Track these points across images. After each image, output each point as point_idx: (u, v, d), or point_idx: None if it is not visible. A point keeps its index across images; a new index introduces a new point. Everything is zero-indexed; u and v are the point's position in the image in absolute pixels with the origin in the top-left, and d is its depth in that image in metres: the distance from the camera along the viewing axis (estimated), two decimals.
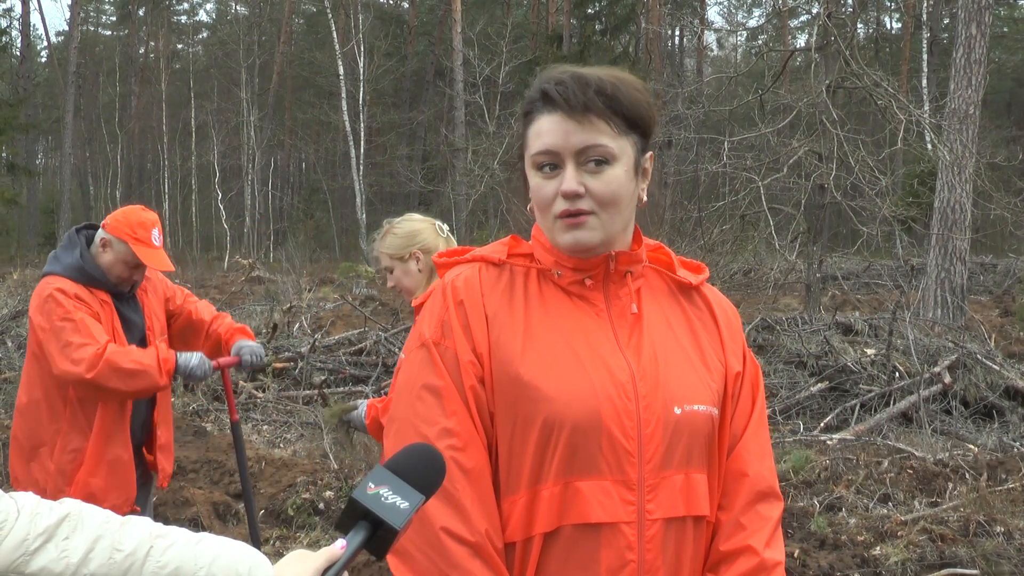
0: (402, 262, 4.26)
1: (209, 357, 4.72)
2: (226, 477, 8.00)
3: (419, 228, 4.28)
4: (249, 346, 4.89)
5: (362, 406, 4.29)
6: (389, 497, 1.58)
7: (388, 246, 4.28)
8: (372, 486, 1.59)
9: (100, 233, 4.48)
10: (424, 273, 4.27)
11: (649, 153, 2.08)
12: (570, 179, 1.96)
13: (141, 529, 1.71)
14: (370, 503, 1.57)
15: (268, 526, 6.94)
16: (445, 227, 4.39)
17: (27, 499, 1.69)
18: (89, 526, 1.68)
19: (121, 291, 4.55)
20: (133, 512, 4.43)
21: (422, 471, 1.65)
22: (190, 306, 5.00)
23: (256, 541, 5.06)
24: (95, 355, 4.20)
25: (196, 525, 6.82)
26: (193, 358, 4.49)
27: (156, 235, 4.49)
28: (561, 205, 1.99)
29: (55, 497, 4.03)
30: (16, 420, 4.54)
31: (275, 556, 6.09)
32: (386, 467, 1.63)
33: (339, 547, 1.58)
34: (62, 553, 1.64)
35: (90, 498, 4.06)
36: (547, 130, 1.99)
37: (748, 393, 2.16)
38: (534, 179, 2.04)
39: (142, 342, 4.60)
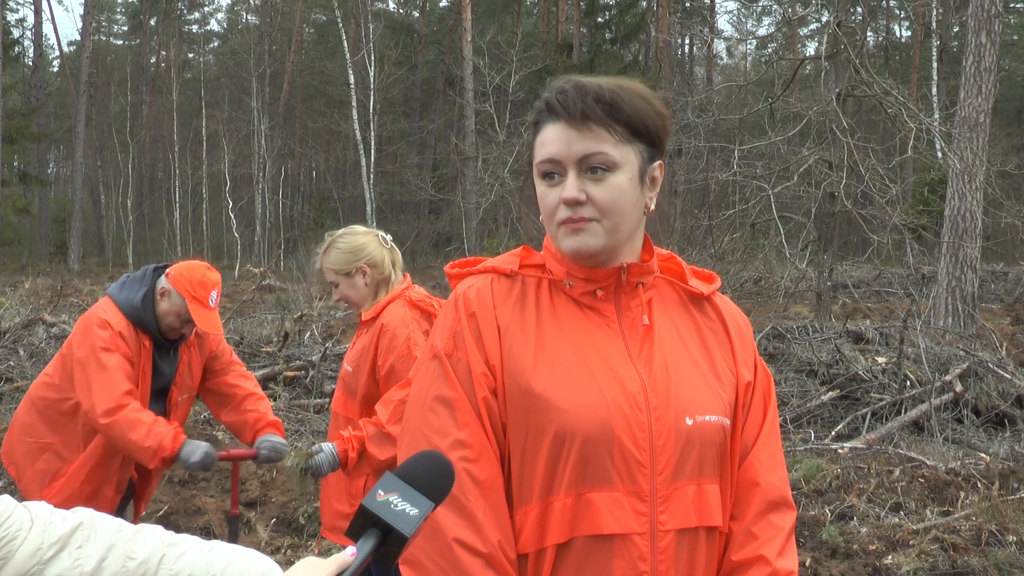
0: (348, 277, 4.25)
1: (232, 431, 4.84)
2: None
3: (363, 242, 4.26)
4: (271, 442, 4.79)
5: (327, 449, 4.12)
6: (399, 504, 1.58)
7: (332, 261, 4.26)
8: (382, 493, 1.59)
9: (162, 280, 4.53)
10: (371, 286, 4.26)
11: (658, 162, 2.08)
12: (571, 187, 1.97)
13: (154, 537, 1.72)
14: (380, 510, 1.57)
15: (279, 535, 6.94)
16: (388, 237, 4.38)
17: (40, 508, 1.70)
18: (102, 535, 1.68)
19: (164, 341, 4.60)
20: None
21: (431, 477, 1.65)
22: (230, 375, 4.98)
23: None
24: (115, 408, 4.26)
25: (208, 534, 6.83)
26: (196, 453, 4.39)
27: (214, 296, 4.54)
28: (563, 213, 1.99)
29: (31, 488, 4.10)
30: (25, 406, 4.62)
31: (286, 565, 6.10)
32: (395, 474, 1.63)
33: (349, 554, 1.59)
34: (76, 562, 1.64)
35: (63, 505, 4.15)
36: (551, 139, 2.00)
37: (760, 403, 2.16)
38: (540, 187, 2.05)
39: (162, 392, 4.65)
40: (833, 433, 9.47)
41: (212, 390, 4.96)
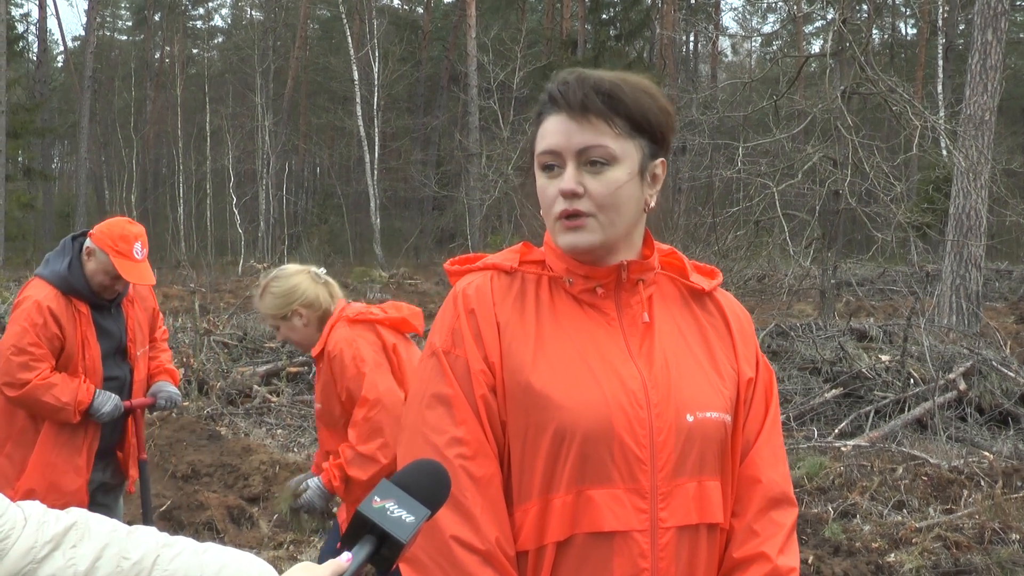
0: (285, 320, 4.22)
1: (131, 396, 4.90)
2: (240, 481, 8.02)
3: (295, 283, 4.21)
4: (166, 391, 5.03)
5: (312, 484, 4.16)
6: (395, 511, 1.58)
7: (268, 307, 4.23)
8: (378, 500, 1.59)
9: (86, 241, 4.62)
10: (311, 325, 4.22)
11: (660, 159, 2.06)
12: (568, 178, 1.96)
13: (148, 538, 1.71)
14: (376, 516, 1.57)
15: (282, 530, 6.94)
16: (322, 271, 4.33)
17: (34, 508, 1.69)
18: (96, 534, 1.68)
19: (102, 301, 4.69)
20: None
21: (428, 485, 1.65)
22: (158, 336, 5.19)
23: None
24: (24, 380, 4.45)
25: (210, 529, 6.84)
26: (106, 405, 4.62)
27: (139, 248, 4.59)
28: (560, 205, 1.98)
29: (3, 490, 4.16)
30: None
31: (289, 560, 6.11)
32: (392, 481, 1.63)
33: (345, 560, 1.58)
34: (69, 561, 1.64)
35: (29, 496, 4.34)
36: (551, 131, 1.99)
37: (761, 399, 2.15)
38: (539, 179, 2.04)
39: (120, 351, 4.80)
40: (836, 431, 9.46)
41: None
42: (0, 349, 4.53)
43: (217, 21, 67.73)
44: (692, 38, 55.55)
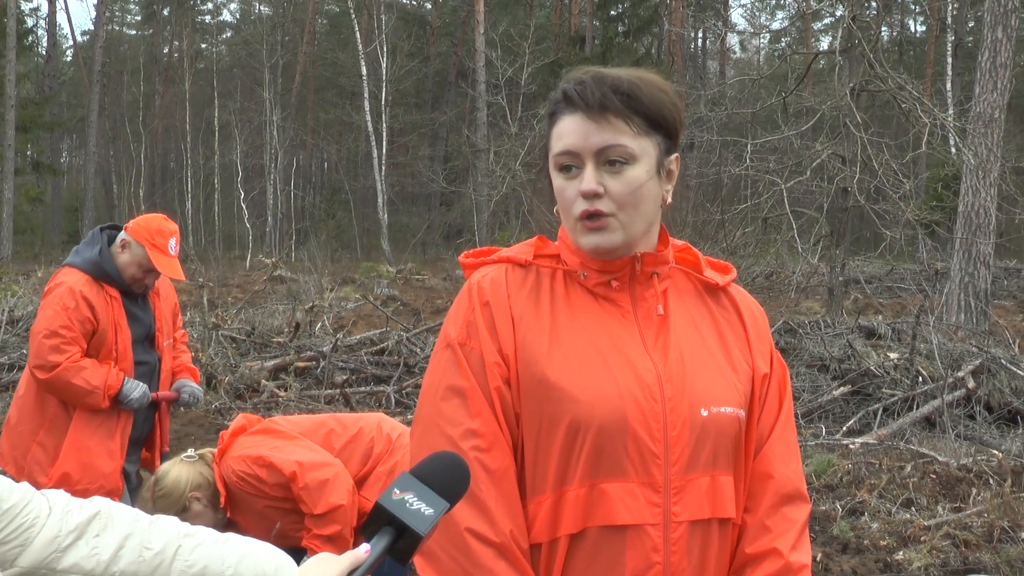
0: (186, 511, 4.11)
1: (159, 383, 5.01)
2: None
3: (175, 476, 4.13)
4: (190, 387, 5.15)
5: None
6: (414, 503, 1.59)
7: (165, 509, 4.03)
8: (397, 492, 1.60)
9: (121, 234, 4.76)
10: (210, 506, 4.14)
11: (674, 155, 2.07)
12: (588, 179, 1.96)
13: (170, 528, 1.72)
14: (395, 508, 1.58)
15: None
16: (192, 451, 4.27)
17: (58, 497, 1.71)
18: (119, 524, 1.69)
19: (132, 292, 4.80)
20: None
21: (447, 479, 1.66)
22: (178, 336, 5.30)
23: None
24: (54, 363, 4.52)
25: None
26: (136, 391, 4.72)
27: (173, 244, 4.76)
28: (581, 205, 1.98)
29: (32, 480, 4.22)
30: (12, 404, 4.83)
31: None
32: (412, 474, 1.64)
33: (363, 551, 1.59)
34: (93, 550, 1.65)
35: (65, 480, 4.47)
36: (568, 131, 1.99)
37: (775, 395, 2.15)
38: (557, 180, 2.03)
39: (149, 339, 4.92)
40: (844, 428, 9.45)
41: None
42: (32, 333, 4.64)
43: (226, 16, 67.93)
44: (701, 34, 55.53)
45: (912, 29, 55.09)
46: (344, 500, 4.00)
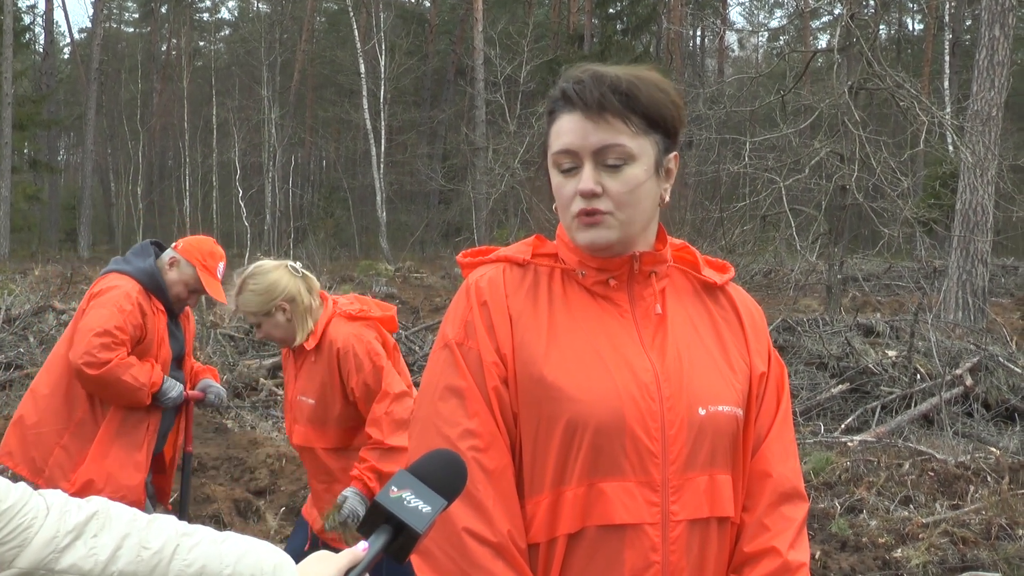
0: (268, 316, 4.16)
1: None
2: (247, 474, 8.03)
3: (274, 279, 4.16)
4: (216, 388, 5.17)
5: (350, 494, 4.05)
6: (411, 501, 1.59)
7: (248, 304, 4.18)
8: (395, 490, 1.60)
9: (170, 252, 4.81)
10: (294, 319, 4.17)
11: (673, 153, 2.06)
12: (587, 179, 1.96)
13: (168, 527, 1.72)
14: (393, 506, 1.58)
15: (289, 524, 6.95)
16: (298, 265, 4.30)
17: (56, 496, 1.71)
18: (117, 524, 1.69)
19: (172, 311, 4.87)
20: None
21: (444, 476, 1.66)
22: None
23: None
24: (105, 360, 4.50)
25: (217, 522, 6.85)
26: (173, 390, 4.77)
27: (221, 268, 4.84)
28: (579, 204, 1.98)
29: (53, 484, 4.23)
30: (27, 403, 4.74)
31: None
32: (409, 471, 1.64)
33: (361, 549, 1.59)
34: (91, 550, 1.65)
35: (88, 487, 4.47)
36: (566, 130, 1.98)
37: (773, 394, 2.15)
38: (555, 178, 2.03)
39: (178, 359, 4.97)
40: (843, 426, 9.46)
41: None
42: (83, 330, 4.58)
43: (224, 13, 67.68)
44: (699, 33, 55.55)
45: (910, 27, 55.12)
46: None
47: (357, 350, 4.05)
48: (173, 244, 4.87)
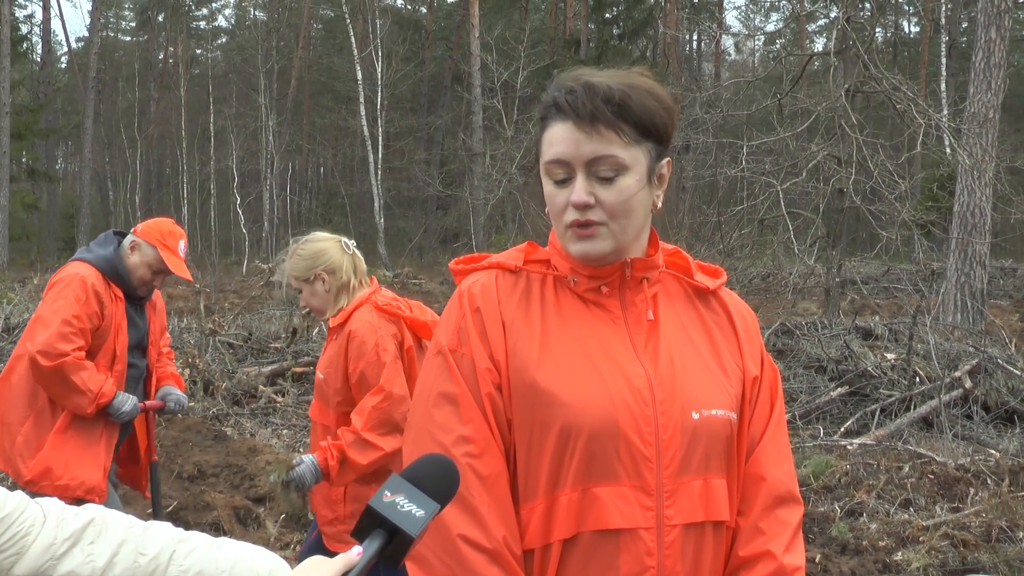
0: (308, 283, 4.25)
1: (146, 390, 5.08)
2: (246, 482, 8.03)
3: (323, 248, 4.27)
4: (175, 395, 5.17)
5: (307, 461, 4.15)
6: (405, 505, 1.59)
7: (293, 268, 4.28)
8: (388, 494, 1.60)
9: (131, 236, 4.82)
10: (331, 292, 4.25)
11: (666, 159, 2.06)
12: (579, 190, 1.96)
13: (164, 534, 1.73)
14: (386, 511, 1.58)
15: (288, 530, 6.96)
16: (351, 243, 4.38)
17: (52, 504, 1.71)
18: (113, 531, 1.70)
19: (135, 296, 4.86)
20: None
21: (437, 480, 1.66)
22: (164, 349, 5.32)
23: None
24: (62, 351, 4.52)
25: (217, 529, 6.85)
26: (126, 404, 4.74)
27: (182, 246, 4.84)
28: (572, 215, 1.98)
29: (15, 469, 4.23)
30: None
31: (294, 561, 6.11)
32: (402, 476, 1.64)
33: (356, 554, 1.59)
34: (88, 557, 1.66)
35: (46, 474, 4.51)
36: (558, 139, 1.98)
37: (766, 397, 2.15)
38: (547, 187, 2.03)
39: (141, 348, 4.98)
40: (842, 429, 9.46)
41: None
42: (38, 318, 4.61)
43: (221, 21, 67.77)
44: (695, 37, 55.63)
45: (906, 30, 55.15)
46: (385, 449, 4.02)
47: (367, 338, 4.09)
48: (134, 229, 4.88)
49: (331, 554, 4.25)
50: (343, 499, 4.16)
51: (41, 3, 50.84)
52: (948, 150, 18.15)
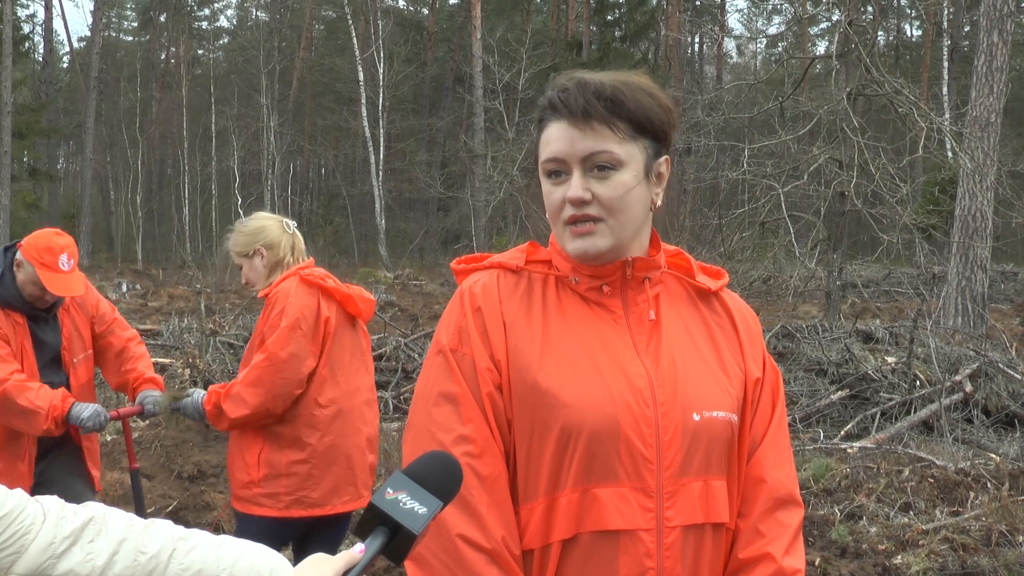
0: (247, 258, 4.45)
1: (122, 391, 4.97)
2: None
3: (264, 225, 4.47)
4: (152, 397, 4.88)
5: (195, 396, 4.40)
6: (407, 502, 1.59)
7: (235, 243, 4.47)
8: (391, 491, 1.60)
9: (17, 253, 4.56)
10: (267, 268, 4.44)
11: (664, 157, 2.06)
12: (575, 186, 1.96)
13: (164, 532, 1.72)
14: (389, 508, 1.58)
15: None
16: (292, 223, 4.55)
17: (52, 503, 1.71)
18: (113, 529, 1.69)
19: (38, 312, 4.63)
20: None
21: (440, 477, 1.66)
22: (112, 336, 5.04)
23: None
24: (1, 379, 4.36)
25: (216, 530, 6.84)
26: (86, 410, 4.52)
27: (65, 260, 4.51)
28: (569, 211, 1.98)
29: None
30: None
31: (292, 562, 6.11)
32: (404, 473, 1.64)
33: (358, 551, 1.59)
34: (88, 556, 1.65)
35: None
36: (554, 137, 1.99)
37: (768, 399, 2.14)
38: (545, 186, 2.03)
39: (55, 362, 4.72)
40: (842, 432, 9.46)
41: (97, 352, 5.02)
42: None
43: (222, 22, 67.80)
44: (697, 39, 55.64)
45: (908, 33, 55.20)
46: (251, 406, 4.16)
47: (276, 303, 4.27)
48: (17, 243, 4.60)
49: (244, 517, 4.30)
50: (256, 463, 4.23)
51: (43, 3, 50.89)
52: (950, 154, 18.18)
